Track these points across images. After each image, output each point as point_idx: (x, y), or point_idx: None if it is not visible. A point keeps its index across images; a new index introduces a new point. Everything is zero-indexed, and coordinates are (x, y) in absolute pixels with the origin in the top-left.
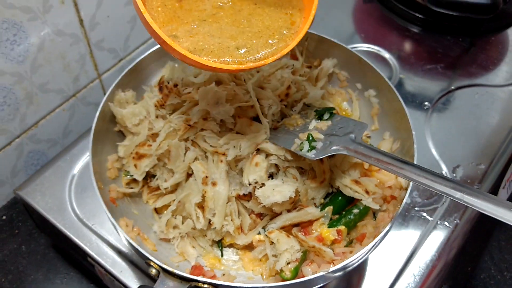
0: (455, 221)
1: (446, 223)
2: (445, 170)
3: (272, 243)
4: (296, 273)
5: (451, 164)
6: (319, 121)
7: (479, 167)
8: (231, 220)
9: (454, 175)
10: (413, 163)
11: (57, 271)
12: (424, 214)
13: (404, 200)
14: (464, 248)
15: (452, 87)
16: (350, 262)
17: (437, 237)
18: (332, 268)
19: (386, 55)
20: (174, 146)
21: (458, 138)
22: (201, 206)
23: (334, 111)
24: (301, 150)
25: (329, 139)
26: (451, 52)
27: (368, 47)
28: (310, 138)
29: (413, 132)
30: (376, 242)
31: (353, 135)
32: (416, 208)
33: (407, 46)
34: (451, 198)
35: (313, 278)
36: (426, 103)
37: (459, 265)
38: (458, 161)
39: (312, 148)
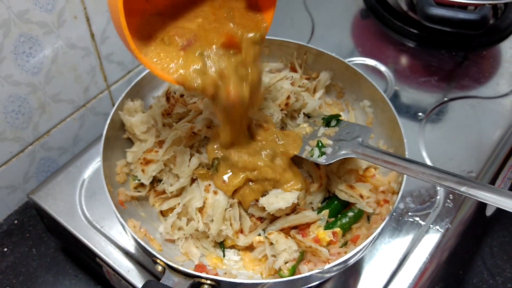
0: (446, 226)
1: (438, 227)
2: None
3: (271, 244)
4: (293, 271)
5: None
6: (327, 127)
7: (470, 174)
8: (230, 224)
9: None
10: (419, 162)
11: (66, 273)
12: (417, 219)
13: (396, 203)
14: (456, 252)
15: (446, 99)
16: (344, 261)
17: (429, 240)
18: (327, 266)
19: (383, 68)
20: (179, 152)
21: (450, 147)
22: (202, 210)
23: (340, 118)
24: (311, 156)
25: (337, 144)
26: (445, 65)
27: (366, 61)
28: (320, 144)
29: (405, 140)
30: (368, 242)
31: (360, 139)
32: (409, 213)
33: (403, 59)
34: (457, 191)
35: (309, 276)
36: (420, 113)
37: (451, 268)
38: (450, 169)
39: (322, 153)
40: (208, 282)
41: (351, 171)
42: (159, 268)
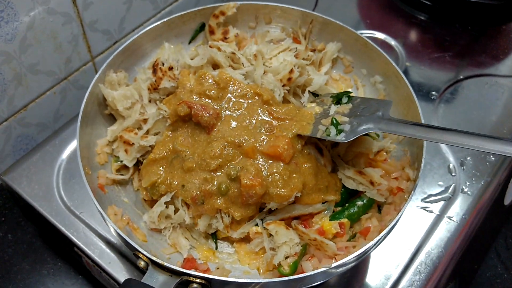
0: (463, 216)
1: (454, 218)
2: (452, 163)
3: (270, 235)
4: (295, 268)
5: (459, 156)
6: (338, 105)
7: (489, 159)
8: (221, 218)
9: (462, 168)
10: (454, 129)
11: (44, 261)
12: (431, 208)
13: (412, 192)
14: (472, 245)
15: (461, 77)
16: (354, 257)
17: (444, 232)
18: (335, 264)
19: (392, 42)
20: (161, 144)
21: (466, 129)
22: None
23: (351, 94)
24: (328, 135)
25: (355, 120)
26: (459, 40)
27: (375, 34)
28: (335, 122)
29: (422, 119)
30: (381, 237)
31: (380, 112)
32: (422, 201)
33: (414, 33)
34: (507, 155)
35: (314, 274)
36: (433, 92)
37: (466, 262)
38: (466, 152)
39: (339, 131)
40: (198, 280)
41: (360, 154)
42: (142, 263)
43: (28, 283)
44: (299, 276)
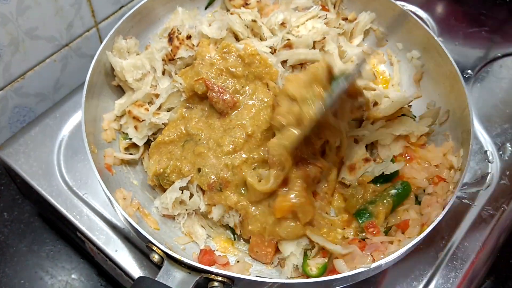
0: (501, 207)
1: (491, 209)
2: (490, 149)
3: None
4: (324, 269)
5: (497, 141)
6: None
7: None
8: (233, 215)
9: (500, 152)
10: None
11: (42, 243)
12: (467, 198)
13: (460, 184)
14: (511, 239)
15: (498, 54)
16: (395, 257)
17: (481, 225)
18: (375, 264)
19: (424, 15)
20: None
21: (504, 111)
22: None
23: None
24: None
25: None
26: (497, 14)
27: (405, 6)
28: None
29: (469, 100)
30: (427, 233)
31: None
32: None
33: (447, 6)
34: None
35: (352, 275)
36: (468, 71)
37: (504, 258)
38: (505, 137)
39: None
40: (219, 278)
41: (399, 138)
42: (156, 257)
43: (25, 266)
44: (333, 277)
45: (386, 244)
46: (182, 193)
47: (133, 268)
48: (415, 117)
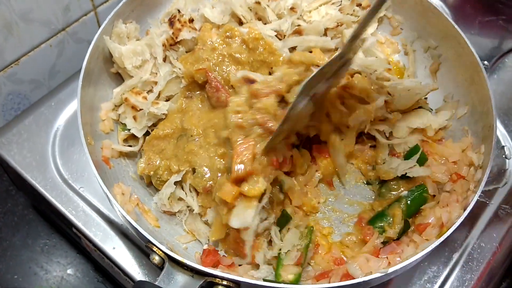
0: None
1: (508, 208)
2: (508, 145)
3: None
4: (299, 277)
5: None
6: None
7: None
8: None
9: None
10: None
11: (37, 236)
12: (482, 195)
13: (483, 183)
14: None
15: None
16: (412, 261)
17: (498, 224)
18: (392, 269)
19: (437, 2)
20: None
21: None
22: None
23: None
24: None
25: None
26: None
27: None
28: None
29: (491, 93)
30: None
31: None
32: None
33: None
34: None
35: (366, 281)
36: (484, 62)
37: None
38: None
39: None
40: (225, 283)
41: (415, 131)
42: (156, 259)
43: (19, 260)
44: (350, 282)
45: (403, 247)
46: (183, 189)
47: (132, 267)
48: (432, 110)
